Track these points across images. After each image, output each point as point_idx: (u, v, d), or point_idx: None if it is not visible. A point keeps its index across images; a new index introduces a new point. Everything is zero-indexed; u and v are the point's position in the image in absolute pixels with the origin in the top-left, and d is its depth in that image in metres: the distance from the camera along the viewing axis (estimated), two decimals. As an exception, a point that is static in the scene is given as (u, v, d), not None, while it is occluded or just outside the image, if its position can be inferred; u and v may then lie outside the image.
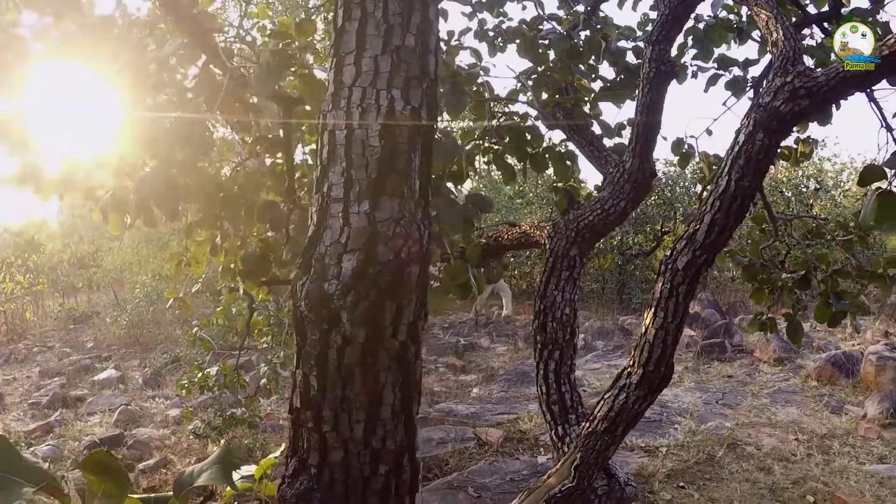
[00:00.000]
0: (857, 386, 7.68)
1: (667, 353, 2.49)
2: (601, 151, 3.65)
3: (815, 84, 2.32)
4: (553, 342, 3.35)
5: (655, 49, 3.28)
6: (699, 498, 4.84)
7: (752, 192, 2.35)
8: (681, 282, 2.39)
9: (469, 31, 5.20)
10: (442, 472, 5.29)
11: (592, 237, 3.44)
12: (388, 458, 1.63)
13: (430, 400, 7.59)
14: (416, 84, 1.67)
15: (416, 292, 1.61)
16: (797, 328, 4.04)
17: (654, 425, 6.34)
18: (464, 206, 3.35)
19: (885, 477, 5.18)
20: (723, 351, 9.45)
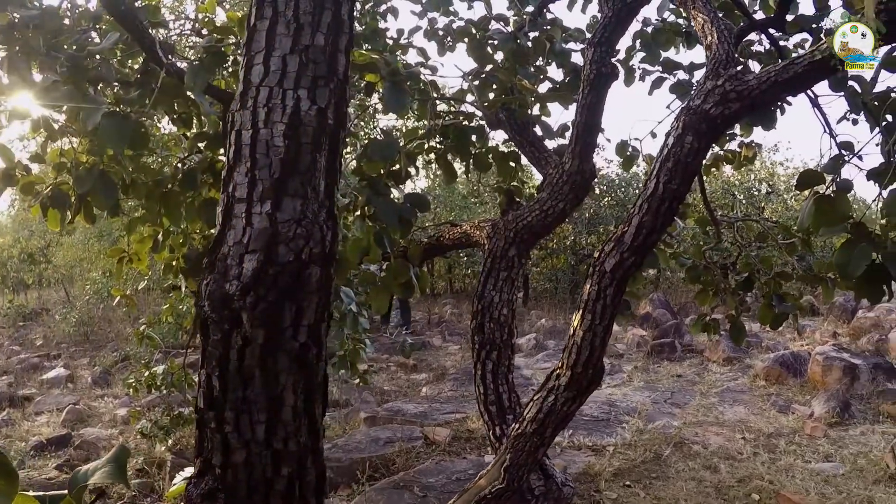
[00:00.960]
0: (805, 385, 7.79)
1: (595, 355, 2.48)
2: (542, 152, 3.64)
3: (745, 88, 2.33)
4: (490, 343, 3.33)
5: (597, 51, 3.27)
6: (645, 497, 4.86)
7: (681, 195, 2.35)
8: (608, 284, 2.38)
9: (419, 29, 5.19)
10: (389, 471, 5.27)
11: (531, 238, 3.43)
12: (290, 459, 1.61)
13: (380, 399, 7.57)
14: (323, 84, 1.64)
15: (318, 294, 1.59)
16: (740, 330, 4.07)
17: (602, 424, 6.37)
18: (401, 205, 3.33)
19: (830, 475, 5.24)
20: (673, 351, 9.55)
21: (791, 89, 2.37)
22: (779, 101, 2.81)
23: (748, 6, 4.69)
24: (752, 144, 4.40)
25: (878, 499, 4.81)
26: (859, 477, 5.24)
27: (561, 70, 4.49)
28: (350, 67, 3.62)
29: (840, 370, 7.49)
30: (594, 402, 6.98)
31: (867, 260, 2.23)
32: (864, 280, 2.30)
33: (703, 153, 2.32)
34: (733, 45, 4.14)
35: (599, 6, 3.61)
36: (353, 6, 1.74)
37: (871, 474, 5.24)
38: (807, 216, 2.46)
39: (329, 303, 1.63)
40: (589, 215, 13.27)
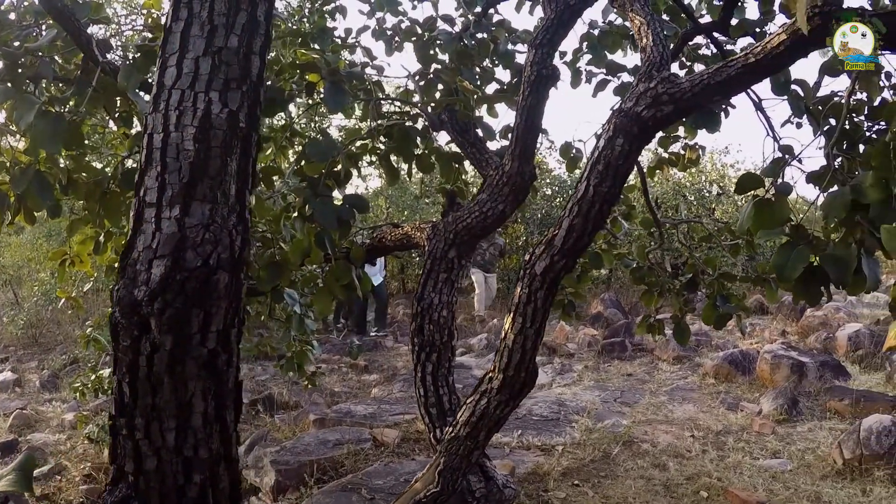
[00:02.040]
0: (754, 383, 7.86)
1: (526, 358, 2.47)
2: (483, 154, 3.63)
3: (678, 90, 2.33)
4: (430, 345, 3.31)
5: (538, 53, 3.26)
6: (594, 496, 4.86)
7: (612, 198, 2.35)
8: (539, 287, 2.37)
9: (367, 29, 5.15)
10: (338, 473, 5.22)
11: (471, 239, 3.41)
12: (202, 466, 1.59)
13: (331, 401, 7.51)
14: (235, 86, 1.62)
15: (226, 299, 1.56)
16: (684, 330, 4.11)
17: (552, 424, 6.37)
18: (340, 206, 3.31)
19: (778, 471, 5.29)
20: (623, 350, 9.60)
21: (725, 92, 2.38)
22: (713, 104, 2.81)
23: (695, 10, 4.73)
24: (696, 147, 4.42)
25: (825, 494, 4.85)
26: (807, 473, 5.29)
27: (508, 71, 4.50)
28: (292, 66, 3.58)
29: (788, 368, 7.59)
30: (544, 402, 6.98)
31: (805, 262, 2.24)
32: (802, 282, 2.30)
33: (634, 156, 2.32)
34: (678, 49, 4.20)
35: (542, 8, 3.61)
36: (270, 7, 1.71)
37: (818, 470, 5.29)
38: (746, 219, 2.48)
39: (240, 308, 1.60)
40: (541, 216, 13.29)
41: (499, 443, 5.82)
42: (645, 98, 2.30)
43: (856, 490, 4.90)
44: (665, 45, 2.54)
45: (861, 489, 4.91)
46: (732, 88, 2.36)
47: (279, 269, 3.82)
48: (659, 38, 2.56)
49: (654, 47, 2.49)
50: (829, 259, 2.25)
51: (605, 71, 4.50)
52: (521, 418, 6.54)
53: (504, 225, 10.85)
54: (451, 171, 3.90)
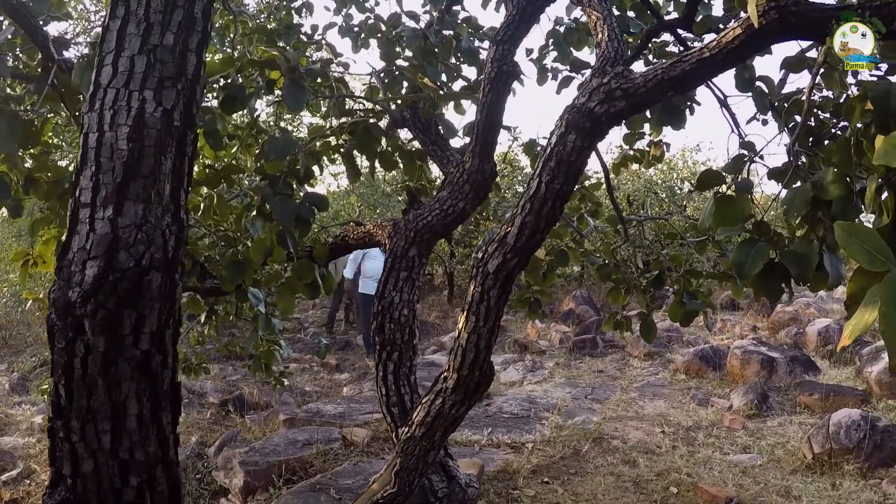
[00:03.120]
0: (724, 379, 7.92)
1: (480, 358, 2.44)
2: (444, 151, 3.60)
3: (632, 86, 2.31)
4: (391, 343, 3.29)
5: (499, 49, 3.24)
6: (563, 493, 4.85)
7: (564, 195, 2.32)
8: (492, 285, 2.35)
9: (334, 25, 5.13)
10: (307, 474, 5.18)
11: (432, 237, 3.39)
12: (138, 469, 1.56)
13: (301, 400, 7.47)
14: (170, 85, 1.59)
15: (160, 300, 1.53)
16: (650, 326, 4.11)
17: (522, 421, 6.36)
18: (299, 204, 3.28)
19: (748, 466, 5.31)
20: (594, 346, 9.63)
21: (680, 87, 2.36)
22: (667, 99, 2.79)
23: (662, 6, 4.74)
24: (661, 143, 4.43)
25: (795, 488, 4.88)
26: (777, 467, 5.32)
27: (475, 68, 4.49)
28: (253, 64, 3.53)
29: (758, 363, 7.64)
30: (514, 400, 6.98)
31: (764, 259, 2.23)
32: (762, 279, 2.30)
33: (587, 152, 2.29)
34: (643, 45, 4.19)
35: (504, 4, 3.59)
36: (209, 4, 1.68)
37: (788, 464, 5.32)
38: (707, 216, 2.47)
39: (175, 309, 1.57)
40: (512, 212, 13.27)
41: (468, 441, 5.81)
42: (598, 93, 2.27)
43: (825, 484, 4.93)
44: (620, 41, 2.52)
45: (831, 483, 4.94)
46: (687, 83, 2.35)
47: (241, 268, 3.79)
48: (614, 34, 2.54)
49: (609, 42, 2.48)
50: (789, 256, 2.25)
51: (570, 68, 4.49)
52: (491, 416, 6.54)
53: (476, 222, 10.84)
54: (414, 169, 3.87)
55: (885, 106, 1.90)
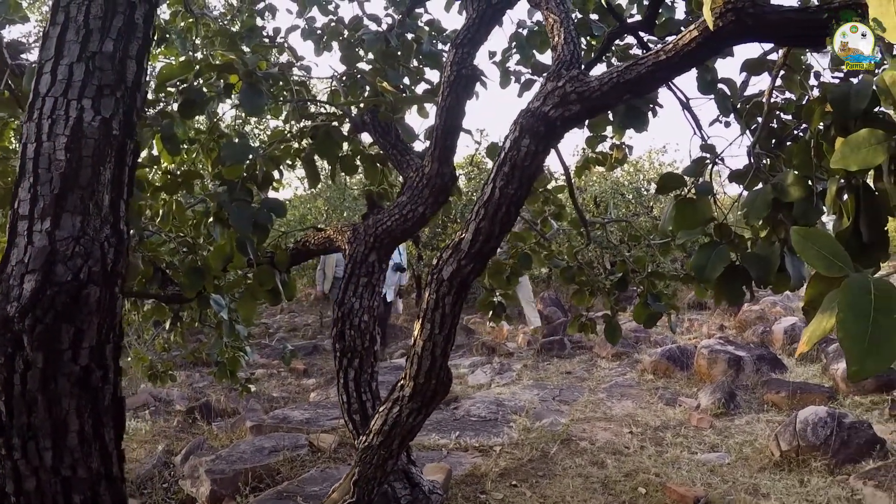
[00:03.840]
0: (692, 378, 7.97)
1: (436, 365, 2.42)
2: (404, 155, 3.58)
3: (587, 89, 2.29)
4: (352, 350, 3.26)
5: (458, 52, 3.22)
6: (531, 496, 4.84)
7: (519, 200, 2.30)
8: (447, 292, 2.33)
9: (297, 28, 5.08)
10: (274, 481, 5.13)
11: (391, 242, 3.36)
12: (81, 486, 1.52)
13: (269, 406, 7.39)
14: (109, 93, 1.55)
15: (99, 314, 1.49)
16: (615, 328, 4.11)
17: (490, 424, 6.35)
18: (257, 210, 3.24)
19: (716, 465, 5.34)
20: (562, 348, 9.65)
21: (635, 90, 2.35)
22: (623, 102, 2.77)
23: (625, 9, 4.74)
24: (623, 146, 4.43)
25: (763, 485, 4.91)
26: (745, 465, 5.35)
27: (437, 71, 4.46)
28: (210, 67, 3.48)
29: (725, 362, 7.69)
30: (482, 403, 6.97)
31: (725, 262, 2.22)
32: (723, 281, 2.29)
33: (541, 156, 2.27)
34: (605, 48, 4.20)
35: (465, 7, 3.57)
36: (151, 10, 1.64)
37: (756, 462, 5.35)
38: (668, 219, 2.46)
39: (115, 323, 1.53)
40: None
41: (436, 445, 5.79)
42: (552, 97, 2.25)
43: (793, 481, 4.96)
44: (577, 44, 2.50)
45: (798, 480, 4.97)
46: (644, 86, 2.33)
47: (201, 274, 3.74)
48: (571, 37, 2.52)
49: (565, 45, 2.46)
50: (750, 258, 2.25)
51: (532, 71, 4.48)
52: (459, 419, 6.53)
53: (444, 225, 10.80)
54: (375, 173, 3.84)
55: (844, 108, 1.89)
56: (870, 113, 1.87)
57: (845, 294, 1.21)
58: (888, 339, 1.16)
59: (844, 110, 1.90)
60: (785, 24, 2.14)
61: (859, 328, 1.17)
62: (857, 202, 1.88)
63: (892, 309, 1.18)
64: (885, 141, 1.62)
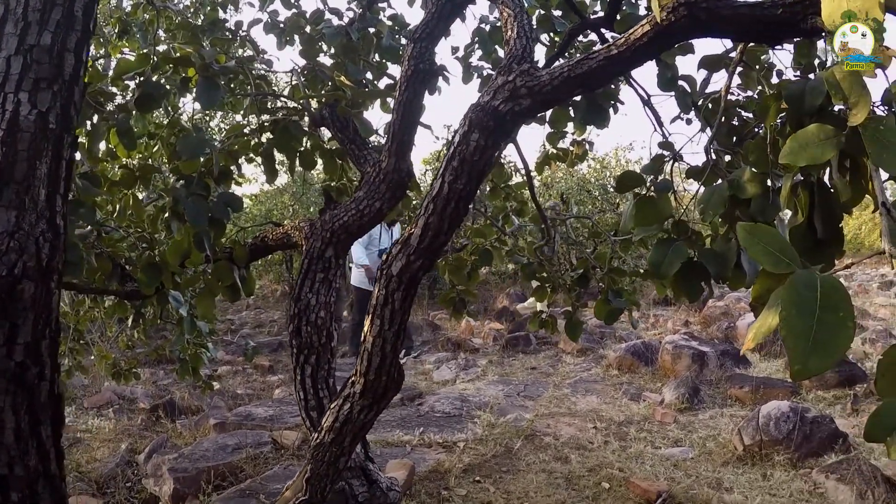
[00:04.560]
0: (656, 373, 8.03)
1: (387, 362, 2.40)
2: (362, 150, 3.56)
3: (537, 83, 2.28)
4: (309, 346, 3.23)
5: (416, 47, 3.20)
6: (495, 491, 4.85)
7: (468, 195, 2.29)
8: (396, 288, 2.31)
9: (259, 22, 5.03)
10: (237, 479, 5.09)
11: (348, 238, 3.34)
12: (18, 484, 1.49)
13: (232, 404, 7.34)
14: (46, 86, 1.53)
15: (34, 310, 1.47)
16: (576, 325, 4.12)
17: (454, 420, 6.35)
18: (213, 205, 3.22)
19: (680, 459, 5.38)
20: (528, 343, 9.68)
21: (587, 84, 2.33)
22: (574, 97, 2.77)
23: (588, 6, 4.74)
24: (584, 142, 4.43)
25: (726, 480, 4.95)
26: (708, 459, 5.40)
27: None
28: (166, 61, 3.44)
29: (689, 357, 7.76)
30: (447, 399, 6.97)
31: (682, 258, 2.20)
32: (680, 277, 2.28)
33: (490, 151, 2.26)
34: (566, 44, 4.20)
35: (424, 1, 3.56)
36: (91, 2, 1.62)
37: (719, 456, 5.40)
38: (629, 218, 2.46)
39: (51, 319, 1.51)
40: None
41: (400, 441, 5.79)
42: (502, 91, 2.24)
43: (756, 475, 5.02)
44: (529, 38, 2.49)
45: (761, 474, 5.03)
46: (595, 81, 2.32)
47: (158, 270, 3.71)
48: (524, 31, 2.51)
49: (517, 40, 2.45)
50: (708, 255, 2.24)
51: (493, 66, 4.48)
52: (423, 416, 6.52)
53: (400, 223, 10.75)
54: (334, 168, 3.83)
55: (798, 105, 1.87)
56: (825, 109, 1.86)
57: (789, 291, 1.19)
58: (833, 337, 1.14)
59: (799, 107, 1.88)
60: (738, 20, 2.10)
61: (803, 326, 1.15)
62: (811, 198, 1.87)
63: (838, 306, 1.16)
64: (834, 137, 1.61)
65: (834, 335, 1.14)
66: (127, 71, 3.23)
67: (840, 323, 1.15)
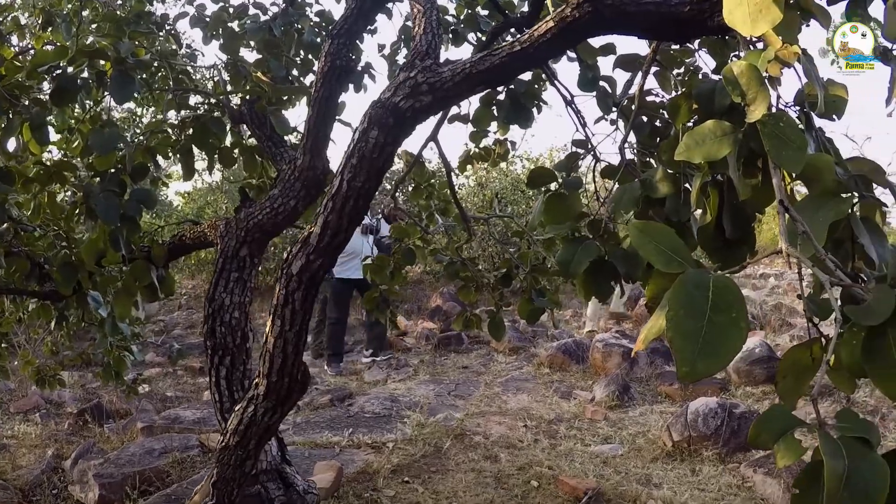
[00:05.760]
0: (587, 371, 8.10)
1: (288, 363, 2.37)
2: (278, 147, 3.51)
3: (438, 79, 2.26)
4: (223, 347, 3.18)
5: (334, 43, 3.17)
6: (423, 492, 4.82)
7: (367, 193, 2.26)
8: (296, 288, 2.28)
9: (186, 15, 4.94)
10: (164, 483, 4.99)
11: (262, 237, 3.29)
12: None
13: (161, 407, 7.19)
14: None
15: None
16: (499, 324, 4.11)
17: (384, 420, 6.32)
18: (126, 202, 3.15)
19: (609, 456, 5.41)
20: (460, 343, 9.71)
21: (490, 81, 2.32)
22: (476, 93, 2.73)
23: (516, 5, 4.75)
24: (506, 142, 4.44)
25: (655, 475, 5.00)
26: (637, 456, 5.44)
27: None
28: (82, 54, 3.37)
29: (620, 355, 7.85)
30: (377, 399, 6.93)
31: (591, 257, 2.18)
32: (590, 277, 2.27)
33: (390, 148, 2.23)
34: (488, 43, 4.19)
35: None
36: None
37: (648, 453, 5.45)
38: (538, 214, 2.45)
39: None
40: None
41: (329, 443, 5.74)
42: (403, 88, 2.21)
43: (685, 470, 5.08)
44: (436, 34, 2.48)
45: (690, 469, 5.09)
46: (498, 77, 2.31)
47: (74, 269, 3.62)
48: (431, 27, 2.49)
49: (423, 35, 2.43)
50: (618, 254, 2.22)
51: (418, 65, 4.45)
52: (353, 416, 6.49)
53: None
54: (254, 166, 3.78)
55: (709, 104, 1.85)
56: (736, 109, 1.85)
57: (678, 290, 1.15)
58: (724, 338, 1.10)
59: (709, 106, 1.85)
60: (645, 17, 2.09)
61: (692, 327, 1.11)
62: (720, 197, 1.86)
63: (730, 307, 1.12)
64: (731, 133, 1.58)
65: (725, 337, 1.10)
66: (43, 63, 3.15)
67: (732, 324, 1.12)
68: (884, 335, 1.19)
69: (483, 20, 4.46)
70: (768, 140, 1.46)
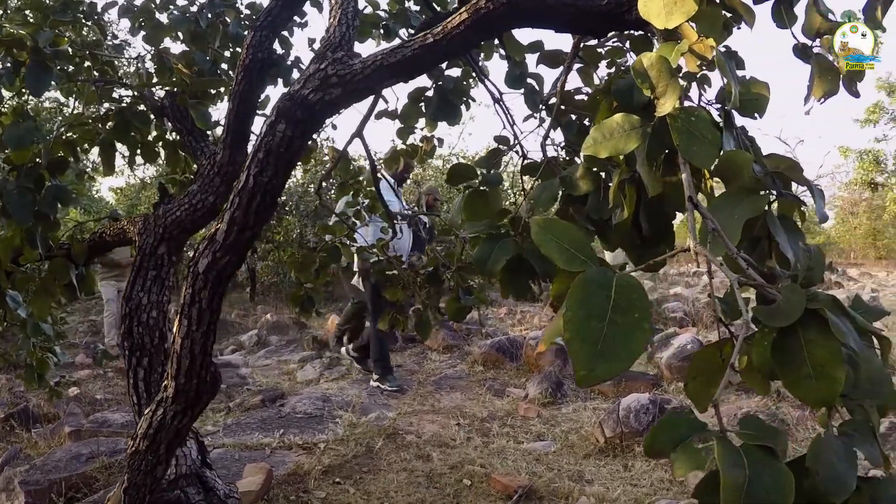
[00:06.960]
0: (521, 369, 8.13)
1: (197, 364, 2.31)
2: (199, 142, 3.44)
3: (349, 72, 2.22)
4: (141, 348, 3.09)
5: (257, 35, 3.11)
6: (355, 492, 4.77)
7: (275, 188, 2.20)
8: (203, 286, 2.22)
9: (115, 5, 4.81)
10: (91, 489, 4.83)
11: (181, 234, 3.21)
12: None
13: (90, 410, 7.00)
14: None
15: None
16: (426, 324, 4.10)
17: (315, 421, 6.25)
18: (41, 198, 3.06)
19: (542, 453, 5.42)
20: (394, 341, 9.66)
21: (401, 73, 2.28)
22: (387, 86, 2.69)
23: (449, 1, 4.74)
24: (432, 139, 4.41)
25: (588, 471, 5.01)
26: (570, 453, 5.45)
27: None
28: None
29: (552, 353, 7.88)
30: (309, 399, 6.85)
31: (508, 255, 2.16)
32: (508, 275, 2.24)
33: (298, 142, 2.18)
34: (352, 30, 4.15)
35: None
36: None
37: (581, 449, 5.47)
38: (458, 211, 2.42)
39: None
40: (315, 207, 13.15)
41: (259, 444, 5.65)
42: (313, 80, 2.16)
43: (618, 466, 5.10)
44: (351, 26, 2.44)
45: (623, 465, 5.11)
46: (409, 70, 2.26)
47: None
48: (346, 18, 2.45)
49: (337, 27, 2.38)
50: (535, 252, 2.18)
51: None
52: (284, 417, 6.41)
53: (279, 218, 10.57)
54: (177, 161, 3.70)
55: (628, 101, 1.81)
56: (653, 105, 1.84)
57: (577, 290, 1.11)
58: (625, 340, 1.06)
59: (627, 102, 1.83)
60: (562, 10, 2.06)
61: (591, 328, 1.06)
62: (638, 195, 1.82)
63: (633, 307, 1.08)
64: (639, 127, 1.57)
65: (626, 338, 1.06)
66: (-39, 55, 3.05)
67: (634, 325, 1.08)
68: (795, 336, 1.17)
69: (413, 15, 4.43)
70: (678, 135, 1.44)
